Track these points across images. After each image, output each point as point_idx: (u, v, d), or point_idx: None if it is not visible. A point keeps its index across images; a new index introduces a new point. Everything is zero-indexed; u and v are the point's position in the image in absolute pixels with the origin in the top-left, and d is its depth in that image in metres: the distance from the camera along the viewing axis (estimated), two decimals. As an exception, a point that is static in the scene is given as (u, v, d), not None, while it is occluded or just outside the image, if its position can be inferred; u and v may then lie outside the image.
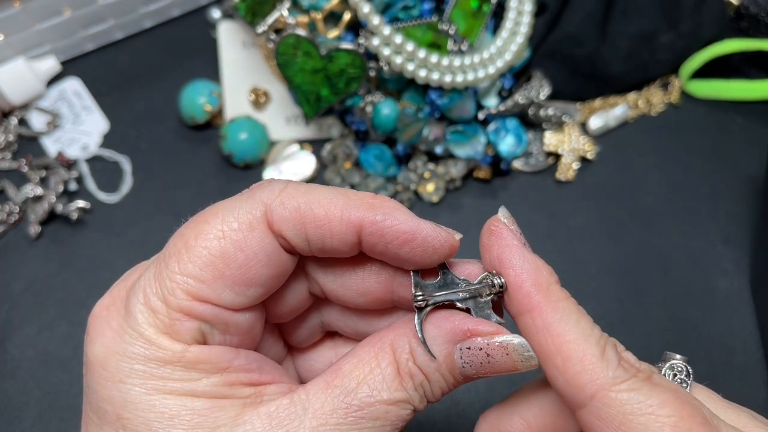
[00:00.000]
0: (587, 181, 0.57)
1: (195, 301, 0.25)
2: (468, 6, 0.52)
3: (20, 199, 0.54)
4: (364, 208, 0.26)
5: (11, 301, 0.52)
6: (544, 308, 0.25)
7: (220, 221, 0.26)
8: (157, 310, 0.25)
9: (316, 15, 0.52)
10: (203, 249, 0.25)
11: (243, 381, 0.26)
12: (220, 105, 0.58)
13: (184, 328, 0.25)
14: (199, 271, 0.25)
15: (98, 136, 0.58)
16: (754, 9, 0.60)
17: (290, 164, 0.56)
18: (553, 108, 0.57)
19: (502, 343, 0.26)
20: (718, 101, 0.60)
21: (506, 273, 0.26)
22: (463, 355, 0.26)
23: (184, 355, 0.25)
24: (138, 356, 0.25)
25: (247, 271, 0.26)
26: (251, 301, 0.27)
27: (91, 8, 0.57)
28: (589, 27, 0.56)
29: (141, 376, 0.24)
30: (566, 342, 0.24)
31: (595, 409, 0.23)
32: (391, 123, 0.53)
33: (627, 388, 0.23)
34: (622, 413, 0.23)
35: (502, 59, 0.53)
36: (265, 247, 0.26)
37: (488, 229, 0.27)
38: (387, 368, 0.26)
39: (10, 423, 0.47)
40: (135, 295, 0.26)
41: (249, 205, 0.26)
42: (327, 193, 0.26)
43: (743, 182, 0.57)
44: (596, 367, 0.24)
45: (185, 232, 0.26)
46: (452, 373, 0.27)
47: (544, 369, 0.25)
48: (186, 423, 0.24)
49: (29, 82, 0.57)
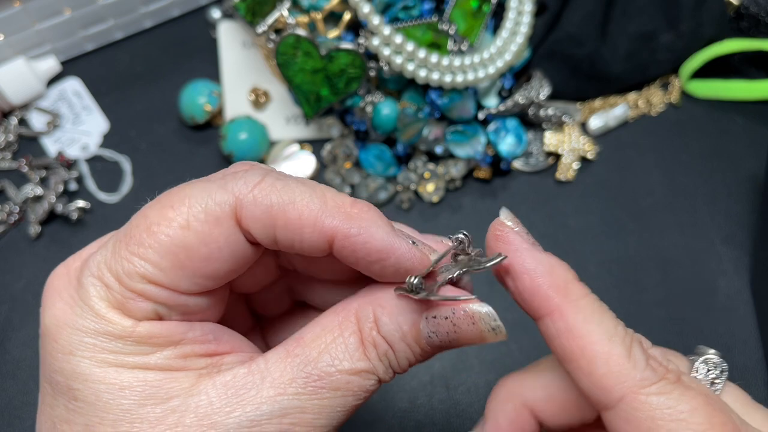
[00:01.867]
0: (587, 181, 0.57)
1: (150, 284, 0.24)
2: (468, 6, 0.52)
3: (20, 199, 0.54)
4: (340, 218, 0.24)
5: (11, 301, 0.52)
6: (564, 310, 0.24)
7: (186, 209, 0.24)
8: (111, 286, 0.24)
9: (316, 15, 0.52)
10: (165, 237, 0.24)
11: (198, 352, 0.25)
12: (220, 105, 0.58)
13: (137, 307, 0.24)
14: (159, 259, 0.24)
15: (98, 136, 0.58)
16: (754, 9, 0.60)
17: (290, 164, 0.56)
18: (553, 108, 0.57)
19: (468, 312, 0.25)
20: (718, 101, 0.60)
21: (521, 279, 0.25)
22: (428, 324, 0.25)
23: (134, 330, 0.24)
24: (88, 329, 0.24)
25: (209, 264, 0.25)
26: (211, 288, 0.26)
27: (91, 8, 0.57)
28: (589, 27, 0.56)
29: (91, 349, 0.24)
30: (590, 343, 0.23)
31: (622, 413, 0.23)
32: (391, 123, 0.53)
33: (656, 392, 0.23)
34: (651, 418, 0.22)
35: (502, 59, 0.53)
36: (230, 243, 0.25)
37: (493, 235, 0.26)
38: (350, 337, 0.25)
39: (10, 423, 0.47)
40: (89, 267, 0.25)
41: (219, 196, 0.24)
42: (304, 193, 0.25)
43: (743, 182, 0.57)
44: (623, 368, 0.23)
45: (149, 213, 0.25)
46: (418, 343, 0.26)
47: (568, 371, 0.25)
48: (137, 394, 0.24)
49: (29, 82, 0.57)
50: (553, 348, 0.25)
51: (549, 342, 0.25)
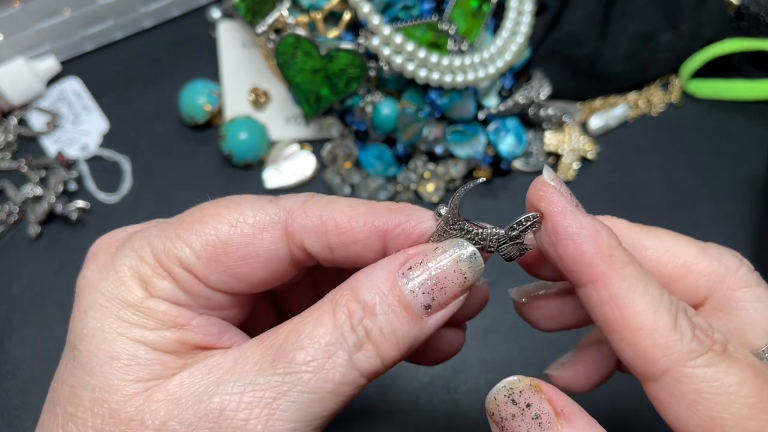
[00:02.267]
0: (587, 181, 0.57)
1: (183, 269, 0.25)
2: (468, 6, 0.52)
3: (20, 199, 0.54)
4: (388, 213, 0.26)
5: (11, 301, 0.52)
6: (609, 278, 0.23)
7: (239, 211, 0.26)
8: (145, 260, 0.26)
9: (316, 15, 0.52)
10: (212, 228, 0.26)
11: (197, 342, 0.26)
12: (220, 105, 0.58)
13: (161, 286, 0.25)
14: (199, 247, 0.25)
15: (98, 136, 0.58)
16: (754, 9, 0.60)
17: (290, 164, 0.56)
18: (554, 108, 0.57)
19: (440, 248, 0.25)
20: (719, 101, 0.60)
21: (564, 244, 0.24)
22: (405, 273, 0.25)
23: (144, 301, 0.25)
24: (106, 292, 0.25)
25: (243, 266, 0.26)
26: (237, 292, 0.27)
27: (90, 8, 0.57)
28: (589, 27, 0.56)
29: (102, 311, 0.25)
30: (635, 314, 0.22)
31: (667, 385, 0.22)
32: (391, 123, 0.53)
33: (703, 363, 0.22)
34: (697, 391, 0.22)
35: (502, 59, 0.53)
36: (268, 251, 0.26)
37: (536, 195, 0.25)
38: (322, 316, 0.24)
39: (10, 423, 0.47)
40: (133, 239, 0.26)
41: (271, 208, 0.26)
42: (350, 202, 0.26)
43: (744, 182, 0.57)
44: (669, 340, 0.22)
45: (206, 206, 0.27)
46: (402, 304, 0.24)
47: (610, 341, 0.24)
48: (122, 367, 0.24)
49: (29, 81, 0.57)
50: (595, 317, 0.24)
51: (591, 311, 0.24)
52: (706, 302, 0.28)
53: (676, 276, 0.28)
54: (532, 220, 0.25)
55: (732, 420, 0.21)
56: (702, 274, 0.27)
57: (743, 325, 0.27)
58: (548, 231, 0.24)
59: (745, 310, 0.27)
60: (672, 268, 0.28)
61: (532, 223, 0.25)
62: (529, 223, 0.25)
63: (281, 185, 0.56)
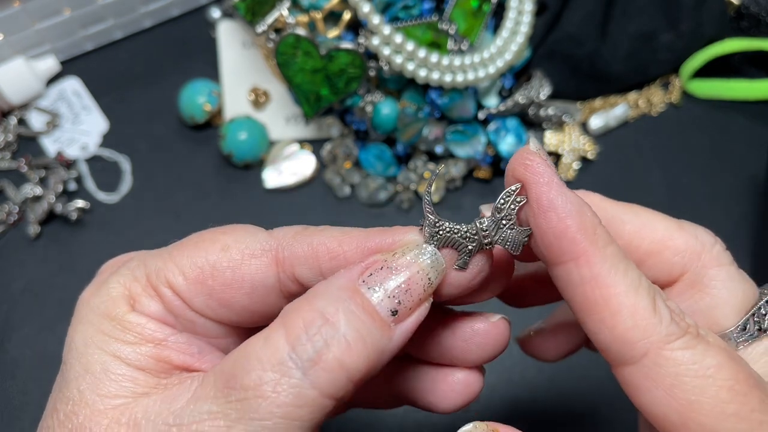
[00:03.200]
0: (587, 181, 0.57)
1: (169, 289, 0.26)
2: (468, 5, 0.52)
3: (19, 199, 0.54)
4: (379, 234, 0.25)
5: (10, 301, 0.52)
6: (591, 256, 0.22)
7: (233, 237, 0.26)
8: (138, 279, 0.26)
9: (315, 14, 0.52)
10: (203, 252, 0.26)
11: (174, 361, 0.25)
12: (220, 105, 0.58)
13: (148, 304, 0.26)
14: (188, 269, 0.26)
15: (97, 136, 0.58)
16: (754, 8, 0.60)
17: (290, 164, 0.56)
18: (554, 108, 0.57)
19: (398, 252, 0.24)
20: (719, 101, 0.60)
21: (547, 216, 0.22)
22: (366, 281, 0.23)
23: (125, 315, 0.25)
24: (94, 307, 0.26)
25: (228, 291, 0.26)
26: (224, 320, 0.27)
27: (90, 8, 0.57)
28: (589, 27, 0.56)
29: (87, 324, 0.25)
30: (616, 294, 0.22)
31: (644, 369, 0.22)
32: (391, 123, 0.53)
33: (681, 346, 0.22)
34: (675, 374, 0.21)
35: (502, 59, 0.53)
36: (254, 278, 0.26)
37: (521, 164, 0.23)
38: (273, 332, 0.22)
39: (10, 423, 0.47)
40: (132, 260, 0.27)
41: (263, 237, 0.26)
42: (343, 228, 0.26)
43: (744, 182, 0.57)
44: (649, 322, 0.22)
45: (206, 232, 0.27)
46: (368, 311, 0.22)
47: (585, 322, 0.23)
48: (94, 381, 0.24)
49: (29, 81, 0.57)
50: (572, 297, 0.23)
51: (569, 290, 0.23)
52: (680, 279, 0.27)
53: (653, 251, 0.27)
54: (513, 193, 0.24)
55: (710, 403, 0.21)
56: (678, 251, 0.27)
57: (714, 304, 0.26)
58: (531, 201, 0.23)
59: (717, 288, 0.27)
60: (649, 244, 0.27)
61: (515, 196, 0.24)
62: (511, 197, 0.24)
63: (281, 185, 0.56)
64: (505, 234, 0.24)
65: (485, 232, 0.24)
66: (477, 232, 0.24)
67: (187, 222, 0.55)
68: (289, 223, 0.27)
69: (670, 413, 0.22)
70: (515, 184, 0.24)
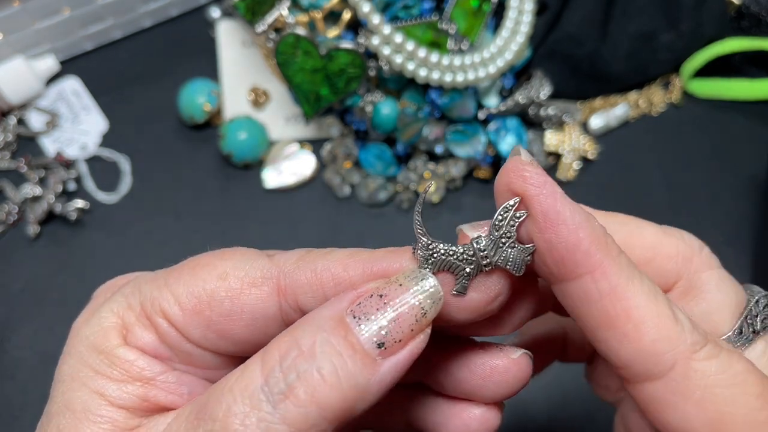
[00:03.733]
0: (588, 181, 0.57)
1: (164, 320, 0.24)
2: (468, 5, 0.52)
3: (19, 199, 0.54)
4: (387, 257, 0.23)
5: (10, 301, 0.51)
6: (607, 267, 0.21)
7: (232, 264, 0.24)
8: (132, 308, 0.25)
9: (315, 14, 0.52)
10: (201, 280, 0.24)
11: (160, 401, 0.24)
12: (219, 104, 0.58)
13: (141, 336, 0.24)
14: (185, 298, 0.24)
15: (97, 136, 0.58)
16: (755, 8, 0.60)
17: (290, 164, 0.56)
18: (554, 107, 0.57)
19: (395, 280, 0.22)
20: (720, 101, 0.60)
21: (558, 230, 0.21)
22: (354, 311, 0.21)
23: (115, 350, 0.24)
24: (84, 338, 0.24)
25: (227, 322, 0.24)
26: (223, 351, 0.25)
27: (90, 7, 0.57)
28: (589, 26, 0.56)
29: (76, 357, 0.24)
30: (637, 306, 0.21)
31: (672, 383, 0.20)
32: (391, 122, 0.53)
33: (707, 356, 0.21)
34: (705, 386, 0.20)
35: (502, 58, 0.53)
36: (255, 308, 0.24)
37: (519, 176, 0.22)
38: (250, 364, 0.21)
39: (9, 423, 0.47)
40: (127, 286, 0.25)
41: (263, 263, 0.24)
42: (348, 251, 0.24)
43: (744, 182, 0.57)
44: (673, 332, 0.20)
45: (203, 256, 0.25)
46: (349, 342, 0.21)
47: (604, 339, 0.21)
48: (73, 420, 0.23)
49: (28, 81, 0.57)
50: (588, 312, 0.21)
51: (582, 306, 0.21)
52: (675, 287, 0.26)
53: (645, 260, 0.26)
54: (511, 208, 0.22)
55: (742, 413, 0.20)
56: (670, 256, 0.26)
57: (710, 309, 0.25)
58: (536, 215, 0.21)
59: (711, 293, 0.25)
60: (640, 252, 0.26)
61: (513, 212, 0.22)
62: (509, 213, 0.22)
63: (281, 185, 0.56)
64: (505, 253, 0.22)
65: (483, 252, 0.22)
66: (474, 253, 0.22)
67: (187, 222, 0.54)
68: (288, 222, 0.27)
69: (700, 428, 0.21)
70: (513, 199, 0.22)
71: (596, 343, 0.22)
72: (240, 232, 0.54)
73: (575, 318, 0.22)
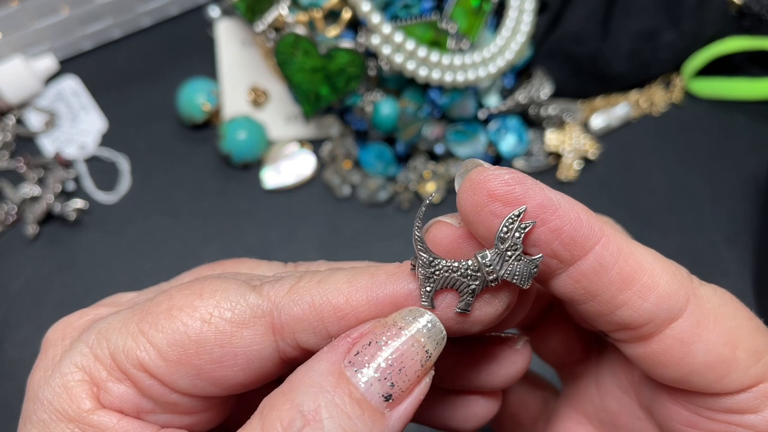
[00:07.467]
0: (589, 181, 0.57)
1: (143, 372, 0.21)
2: (469, 4, 0.52)
3: (18, 199, 0.54)
4: (392, 280, 0.21)
5: (9, 301, 0.51)
6: (609, 234, 0.21)
7: (214, 302, 0.22)
8: (101, 360, 0.22)
9: (315, 13, 0.51)
10: (182, 324, 0.21)
11: None
12: (219, 104, 0.58)
13: (116, 391, 0.22)
14: (166, 348, 0.21)
15: (96, 136, 0.58)
16: (756, 8, 0.59)
17: (289, 163, 0.56)
18: (555, 107, 0.56)
19: (389, 322, 0.20)
20: (721, 100, 0.60)
21: (558, 214, 0.21)
22: (353, 361, 0.20)
23: (87, 416, 0.21)
24: (46, 402, 0.22)
25: (219, 369, 0.22)
26: (213, 395, 0.23)
27: (89, 7, 0.57)
28: (590, 25, 0.56)
29: (38, 426, 0.22)
30: (647, 259, 0.22)
31: (692, 315, 0.22)
32: (391, 122, 0.52)
33: (700, 283, 0.23)
34: (712, 308, 0.22)
35: (503, 58, 0.53)
36: (249, 351, 0.22)
37: (503, 181, 0.20)
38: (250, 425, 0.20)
39: (8, 424, 0.47)
40: (90, 331, 0.22)
41: (253, 298, 0.22)
42: (347, 275, 0.22)
43: (746, 182, 0.57)
44: (676, 271, 0.22)
45: (174, 295, 0.22)
46: (355, 400, 0.20)
47: (621, 304, 0.22)
48: None
49: (27, 80, 0.57)
50: (608, 279, 0.21)
51: (600, 276, 0.21)
52: None
53: None
54: (516, 219, 0.21)
55: (742, 324, 0.22)
56: None
57: None
58: (536, 209, 0.21)
59: None
60: None
61: (519, 222, 0.21)
62: (515, 224, 0.21)
63: (280, 185, 0.56)
64: (511, 267, 0.21)
65: (489, 267, 0.21)
66: (480, 268, 0.21)
67: (186, 222, 0.54)
68: (288, 222, 0.25)
69: (722, 350, 0.22)
70: (518, 208, 0.20)
71: (615, 311, 0.22)
72: (239, 232, 0.54)
73: (591, 297, 0.22)
